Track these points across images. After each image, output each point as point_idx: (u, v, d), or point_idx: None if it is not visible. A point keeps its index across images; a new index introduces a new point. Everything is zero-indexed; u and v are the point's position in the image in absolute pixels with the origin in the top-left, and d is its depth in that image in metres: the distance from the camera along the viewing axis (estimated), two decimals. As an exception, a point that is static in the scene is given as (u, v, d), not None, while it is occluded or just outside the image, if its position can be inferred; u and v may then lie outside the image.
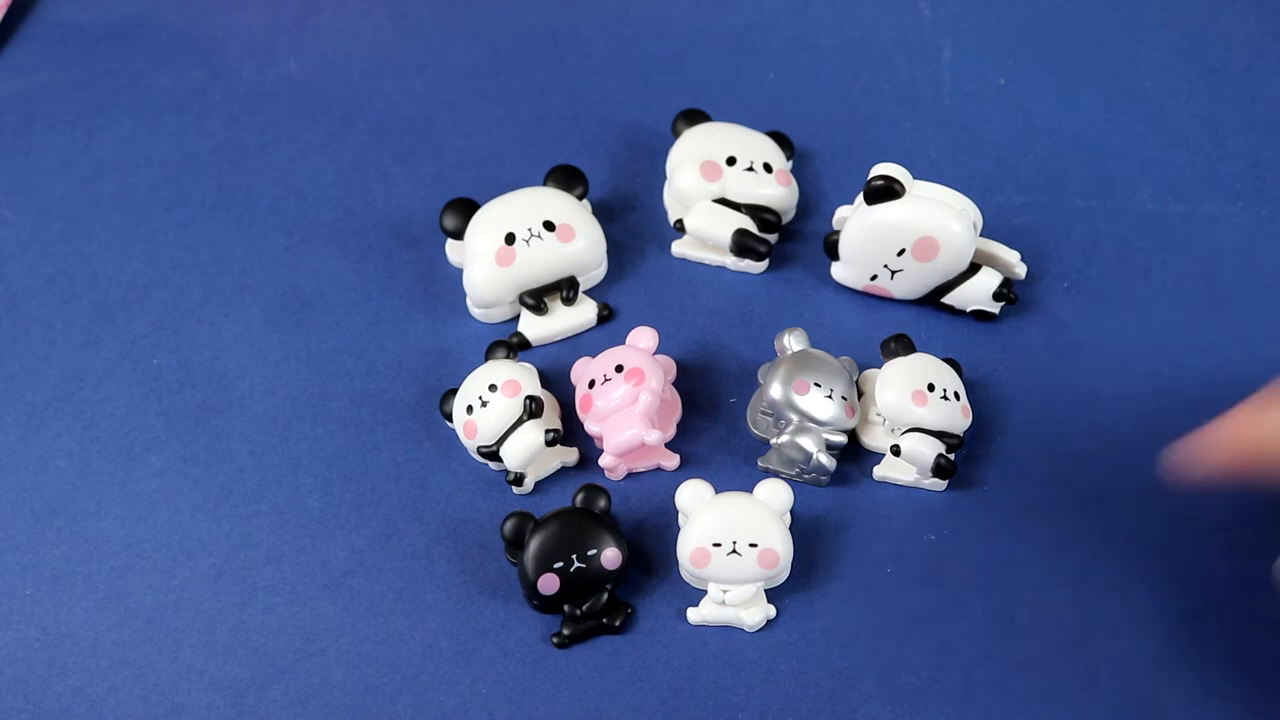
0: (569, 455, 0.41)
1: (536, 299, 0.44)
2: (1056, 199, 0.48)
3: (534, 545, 0.37)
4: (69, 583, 0.40)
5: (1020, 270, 0.43)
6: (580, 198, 0.46)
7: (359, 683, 0.37)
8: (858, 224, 0.42)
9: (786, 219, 0.47)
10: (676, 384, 0.43)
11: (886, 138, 0.50)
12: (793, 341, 0.41)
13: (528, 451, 0.39)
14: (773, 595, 0.38)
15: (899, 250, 0.42)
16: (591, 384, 0.40)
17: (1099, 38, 0.54)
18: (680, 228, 0.46)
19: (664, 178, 0.47)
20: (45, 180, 0.51)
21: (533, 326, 0.44)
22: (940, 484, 0.40)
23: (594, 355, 0.42)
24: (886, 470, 0.40)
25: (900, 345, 0.41)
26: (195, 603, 0.39)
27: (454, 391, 0.41)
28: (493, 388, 0.40)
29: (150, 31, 0.56)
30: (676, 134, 0.47)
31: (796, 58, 0.53)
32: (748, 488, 0.38)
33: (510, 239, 0.43)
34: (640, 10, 0.56)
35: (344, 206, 0.49)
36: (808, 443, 0.39)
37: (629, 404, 0.39)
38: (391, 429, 0.43)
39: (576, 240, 0.44)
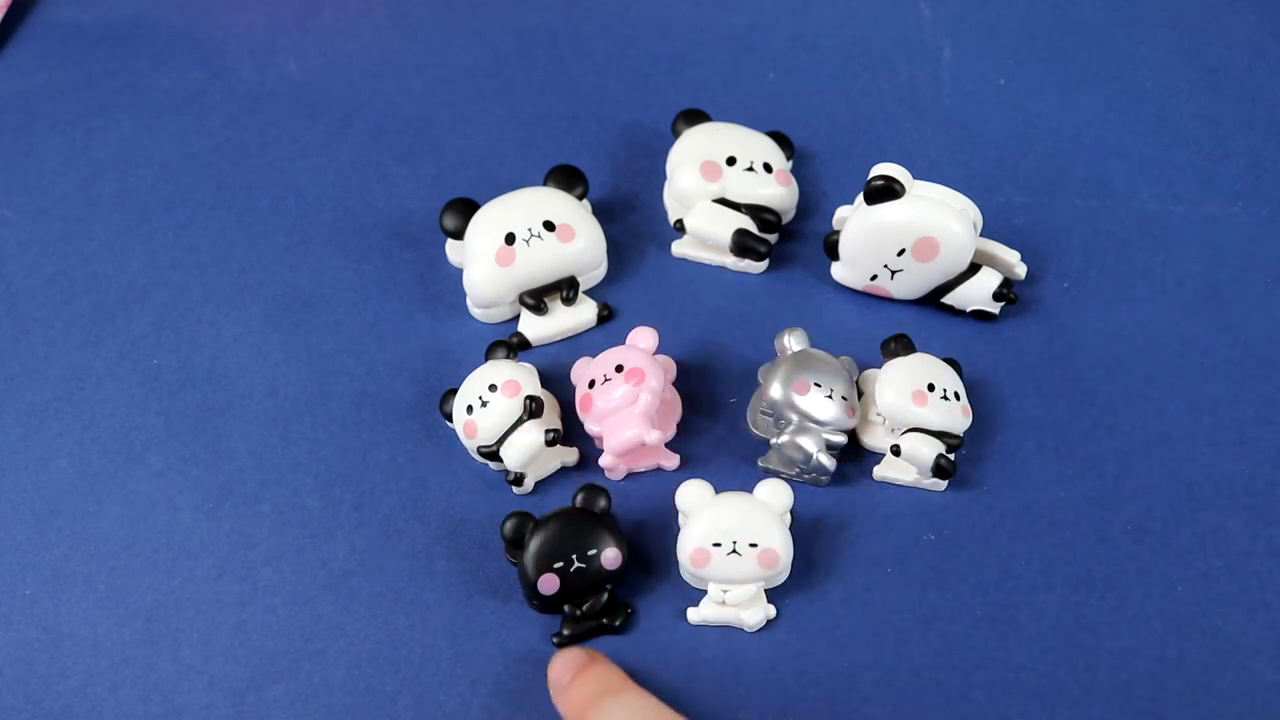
0: (569, 455, 0.41)
1: (536, 299, 0.44)
2: (1056, 199, 0.48)
3: (534, 545, 0.37)
4: (69, 583, 0.40)
5: (1020, 270, 0.43)
6: (580, 198, 0.46)
7: (359, 683, 0.37)
8: (858, 224, 0.42)
9: (786, 219, 0.47)
10: (676, 384, 0.43)
11: (886, 138, 0.50)
12: (793, 341, 0.41)
13: (528, 451, 0.39)
14: (773, 595, 0.38)
15: (899, 250, 0.42)
16: (591, 384, 0.40)
17: (1099, 38, 0.54)
18: (680, 228, 0.46)
19: (664, 178, 0.47)
20: (45, 180, 0.51)
21: (533, 326, 0.44)
22: (940, 484, 0.40)
23: (594, 355, 0.42)
24: (886, 470, 0.40)
25: (900, 345, 0.41)
26: (195, 603, 0.39)
27: (454, 391, 0.41)
28: (493, 388, 0.40)
29: (150, 31, 0.56)
30: (676, 134, 0.47)
31: (796, 58, 0.53)
32: (748, 488, 0.38)
33: (510, 239, 0.43)
34: (640, 10, 0.56)
35: (344, 206, 0.49)
36: (808, 443, 0.39)
37: (629, 404, 0.39)
38: (391, 429, 0.43)
39: (576, 240, 0.44)
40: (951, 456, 0.39)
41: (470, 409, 0.40)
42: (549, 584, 0.37)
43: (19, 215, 0.49)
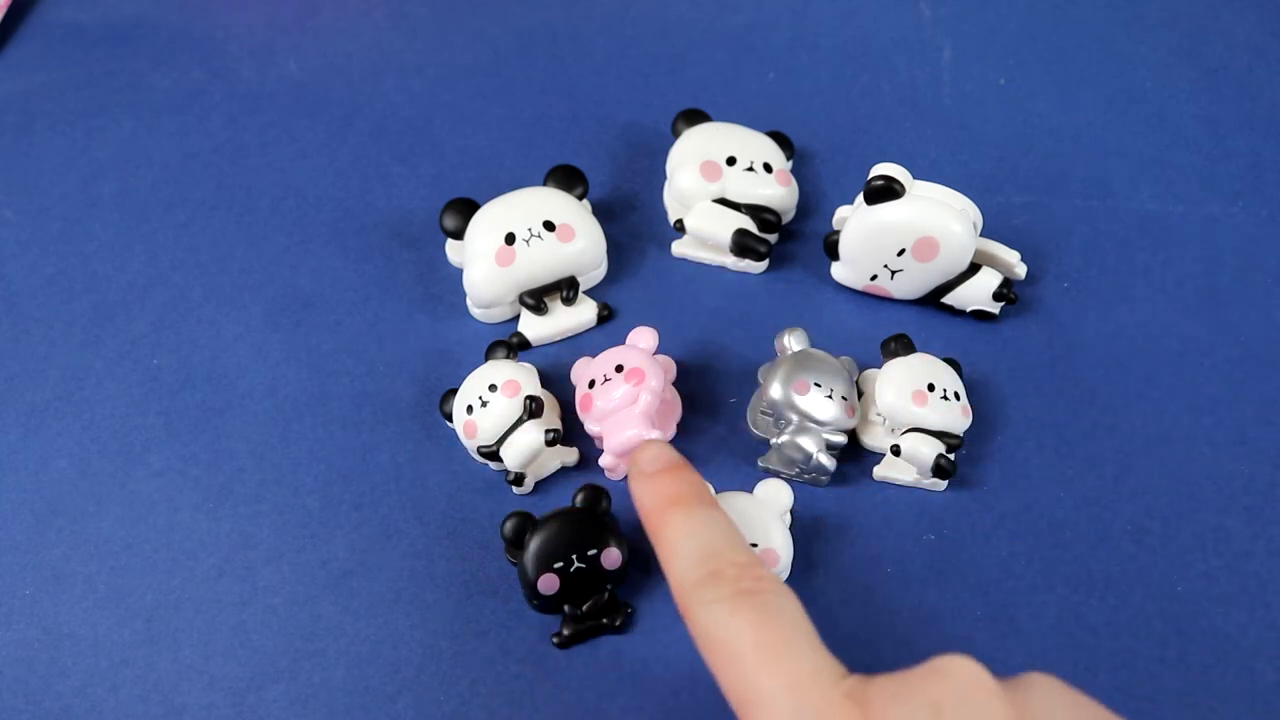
0: (569, 455, 0.41)
1: (536, 299, 0.44)
2: (1056, 199, 0.48)
3: (534, 545, 0.37)
4: (69, 583, 0.40)
5: (1020, 270, 0.43)
6: (580, 198, 0.46)
7: (359, 683, 0.37)
8: (858, 224, 0.42)
9: (786, 219, 0.47)
10: (676, 384, 0.43)
11: (886, 138, 0.50)
12: (793, 341, 0.41)
13: (528, 451, 0.39)
14: (773, 595, 0.38)
15: (899, 250, 0.42)
16: (591, 384, 0.40)
17: (1099, 38, 0.54)
18: (680, 228, 0.46)
19: (664, 178, 0.47)
20: (45, 180, 0.51)
21: (533, 326, 0.44)
22: (940, 484, 0.40)
23: (594, 355, 0.42)
24: (886, 470, 0.40)
25: (900, 345, 0.41)
26: (195, 603, 0.39)
27: (454, 391, 0.41)
28: (493, 388, 0.40)
29: (150, 31, 0.56)
30: (676, 134, 0.47)
31: (796, 58, 0.53)
32: (748, 488, 0.38)
33: (510, 239, 0.43)
34: (640, 10, 0.56)
35: (344, 206, 0.49)
36: (808, 443, 0.39)
37: (629, 404, 0.39)
38: (391, 429, 0.43)
39: (576, 240, 0.44)
40: (951, 456, 0.39)
41: (470, 409, 0.40)
42: (549, 584, 0.37)
43: (19, 215, 0.50)
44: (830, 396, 0.39)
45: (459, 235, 0.45)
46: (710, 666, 0.28)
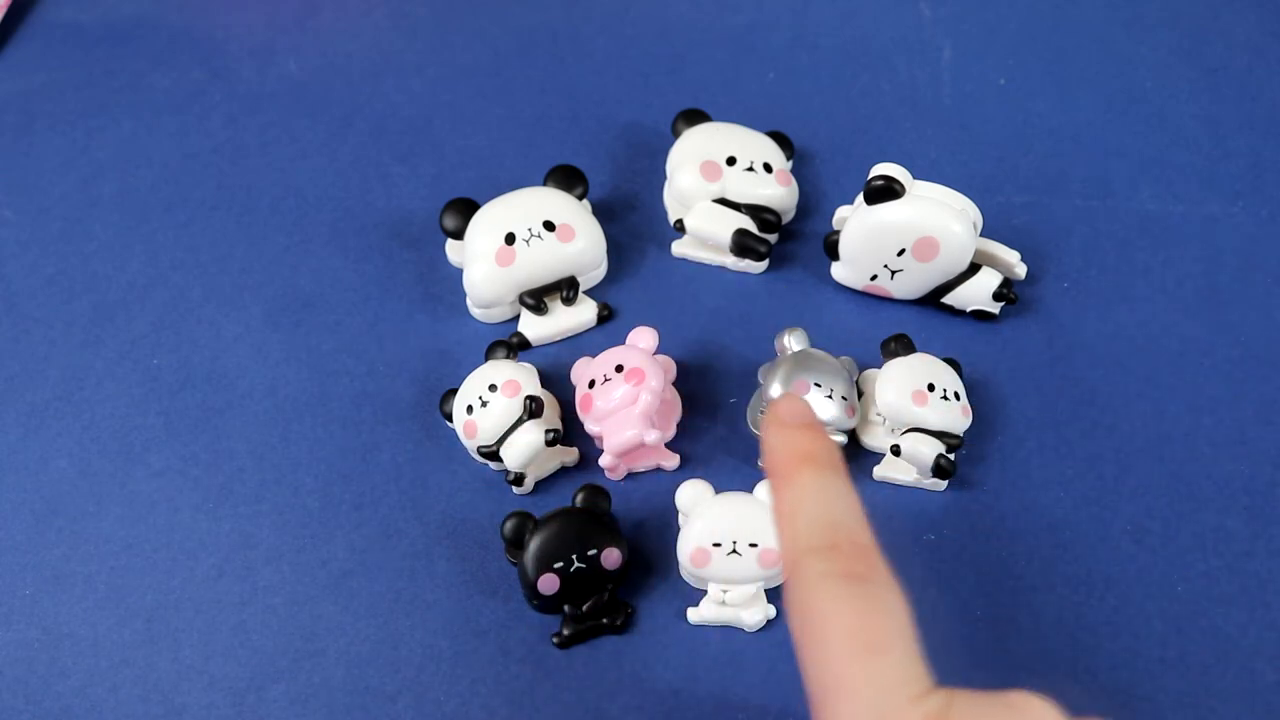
0: (569, 455, 0.41)
1: (536, 299, 0.44)
2: (1056, 199, 0.48)
3: (534, 545, 0.37)
4: (69, 583, 0.40)
5: (1020, 270, 0.43)
6: (580, 198, 0.46)
7: (359, 683, 0.37)
8: (858, 224, 0.42)
9: (786, 219, 0.47)
10: (676, 384, 0.43)
11: (886, 138, 0.50)
12: (793, 341, 0.41)
13: (528, 451, 0.39)
14: (773, 595, 0.38)
15: (899, 250, 0.42)
16: (591, 384, 0.40)
17: (1099, 38, 0.54)
18: (680, 228, 0.46)
19: (664, 178, 0.47)
20: (45, 180, 0.51)
21: (533, 326, 0.44)
22: (940, 484, 0.40)
23: (594, 355, 0.42)
24: (886, 470, 0.40)
25: (900, 345, 0.41)
26: (195, 603, 0.39)
27: (454, 391, 0.41)
28: (493, 388, 0.40)
29: (150, 31, 0.56)
30: (676, 134, 0.47)
31: (796, 58, 0.53)
32: (748, 488, 0.38)
33: (510, 239, 0.43)
34: (640, 10, 0.56)
35: (344, 206, 0.49)
36: (808, 443, 0.39)
37: (629, 404, 0.39)
38: (391, 429, 0.43)
39: (576, 240, 0.44)
40: (951, 456, 0.39)
41: (470, 409, 0.40)
42: (549, 584, 0.37)
43: (19, 215, 0.50)
44: (830, 396, 0.39)
45: (459, 235, 0.45)
46: (797, 640, 0.27)
